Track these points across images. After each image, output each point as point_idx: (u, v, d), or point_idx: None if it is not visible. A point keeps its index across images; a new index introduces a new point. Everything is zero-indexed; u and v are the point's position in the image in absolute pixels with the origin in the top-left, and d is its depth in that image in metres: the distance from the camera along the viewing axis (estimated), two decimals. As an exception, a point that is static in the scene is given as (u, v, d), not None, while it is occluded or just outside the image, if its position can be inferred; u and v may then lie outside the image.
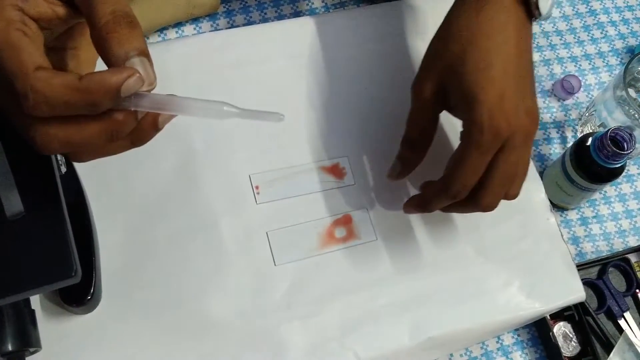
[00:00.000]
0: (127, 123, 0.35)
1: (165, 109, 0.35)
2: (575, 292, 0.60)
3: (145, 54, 0.34)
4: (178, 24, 0.72)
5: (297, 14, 0.75)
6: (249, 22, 0.74)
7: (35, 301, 0.52)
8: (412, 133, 0.55)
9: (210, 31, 0.73)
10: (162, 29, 0.72)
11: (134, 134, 0.36)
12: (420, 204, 0.55)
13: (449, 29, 0.52)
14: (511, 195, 0.52)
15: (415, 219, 0.60)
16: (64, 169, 0.53)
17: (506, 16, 0.50)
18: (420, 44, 0.67)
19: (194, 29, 0.73)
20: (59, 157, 0.52)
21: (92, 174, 0.56)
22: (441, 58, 0.52)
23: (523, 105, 0.50)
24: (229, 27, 0.73)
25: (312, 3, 0.76)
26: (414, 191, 0.61)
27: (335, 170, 0.61)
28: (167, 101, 0.35)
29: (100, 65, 0.37)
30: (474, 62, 0.49)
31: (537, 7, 0.51)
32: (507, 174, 0.50)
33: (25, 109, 0.33)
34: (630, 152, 0.60)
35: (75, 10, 0.36)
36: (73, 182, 0.55)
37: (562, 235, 0.62)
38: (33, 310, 0.49)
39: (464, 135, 0.50)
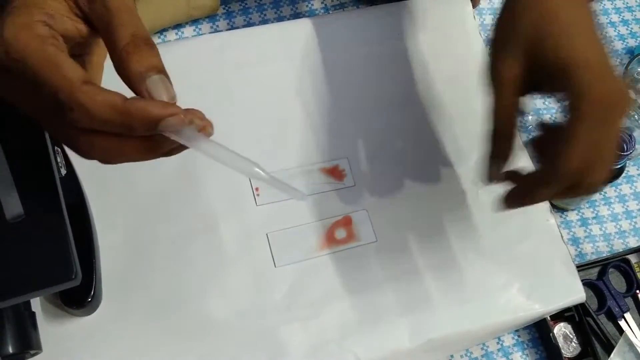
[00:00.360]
0: (165, 144, 0.36)
1: (197, 148, 0.36)
2: (575, 293, 0.60)
3: (163, 72, 0.36)
4: (178, 26, 0.72)
5: (296, 15, 0.75)
6: (249, 24, 0.74)
7: (36, 303, 0.52)
8: (502, 124, 0.49)
9: (210, 32, 0.73)
10: (161, 31, 0.72)
11: (169, 150, 0.38)
12: (522, 195, 0.48)
13: (519, 3, 0.47)
14: (609, 175, 0.47)
15: (414, 220, 0.60)
16: (63, 171, 0.53)
17: None
18: (419, 45, 0.67)
19: (194, 30, 0.73)
20: (58, 158, 0.52)
21: (92, 175, 0.56)
22: (521, 30, 0.46)
23: (616, 75, 0.45)
24: (229, 29, 0.73)
25: (312, 4, 0.76)
26: (414, 192, 0.61)
27: (335, 172, 0.61)
28: (202, 142, 0.36)
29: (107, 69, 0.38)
30: (564, 28, 0.44)
31: None
32: (611, 151, 0.45)
33: (69, 120, 0.34)
34: (630, 153, 0.61)
35: (94, 28, 0.37)
36: (73, 184, 0.55)
37: (562, 237, 0.62)
38: (33, 313, 0.49)
39: (569, 108, 0.44)
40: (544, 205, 0.63)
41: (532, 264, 0.60)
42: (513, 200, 0.49)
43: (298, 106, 0.63)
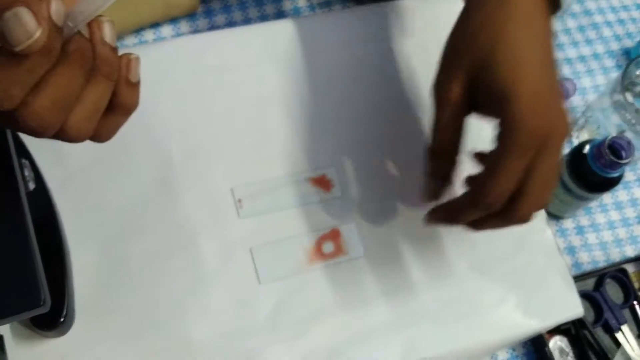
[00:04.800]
0: (83, 45, 0.32)
1: (97, 5, 0.31)
2: (573, 308, 0.57)
3: (19, 2, 0.28)
4: (155, 25, 0.69)
5: (280, 13, 0.72)
6: (230, 23, 0.71)
7: (4, 325, 0.49)
8: (442, 142, 0.50)
9: (189, 32, 0.70)
10: (138, 30, 0.68)
11: (102, 65, 0.33)
12: (447, 216, 0.50)
13: (471, 24, 0.47)
14: (544, 205, 0.48)
15: (405, 232, 0.57)
16: (32, 186, 0.50)
17: (533, 9, 0.46)
18: (408, 47, 0.64)
19: (172, 29, 0.70)
20: (26, 172, 0.49)
21: (64, 189, 0.53)
22: (467, 54, 0.47)
23: (557, 103, 0.46)
24: (210, 28, 0.70)
25: (297, 2, 0.73)
26: (404, 203, 0.58)
27: (322, 182, 0.58)
28: None
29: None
30: (506, 56, 0.45)
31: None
32: (544, 180, 0.45)
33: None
34: (629, 161, 0.58)
35: None
36: (43, 198, 0.51)
37: (558, 248, 0.60)
38: (1, 336, 0.46)
39: (499, 137, 0.45)
40: (541, 216, 0.60)
41: (528, 278, 0.57)
42: (437, 218, 0.50)
43: (282, 112, 0.60)
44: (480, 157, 0.50)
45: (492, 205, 0.45)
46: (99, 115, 0.34)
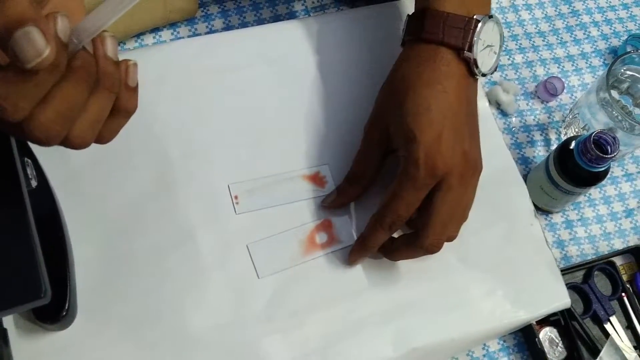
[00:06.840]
0: (88, 60, 0.33)
1: (101, 23, 0.33)
2: (560, 298, 0.59)
3: (29, 21, 0.29)
4: (155, 29, 0.71)
5: (276, 17, 0.74)
6: (228, 27, 0.73)
7: (8, 318, 0.51)
8: (355, 170, 0.58)
9: (188, 36, 0.71)
10: (139, 35, 0.70)
11: (105, 79, 0.34)
12: (359, 241, 0.56)
13: (393, 78, 0.55)
14: (451, 237, 0.54)
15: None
16: (34, 183, 0.52)
17: (447, 69, 0.53)
18: (400, 49, 0.65)
19: (172, 34, 0.71)
20: (28, 170, 0.51)
21: (66, 186, 0.54)
22: (386, 105, 0.55)
23: (460, 147, 0.52)
24: (208, 32, 0.72)
25: (292, 6, 0.74)
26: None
27: (316, 179, 0.60)
28: (97, 15, 0.33)
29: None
30: (414, 105, 0.52)
31: (477, 66, 0.54)
32: (447, 214, 0.52)
33: (8, 118, 0.32)
34: (614, 155, 0.60)
35: None
36: (46, 196, 0.53)
37: (546, 241, 0.61)
38: (5, 329, 0.48)
39: (400, 171, 0.52)
40: (529, 209, 0.62)
41: (516, 269, 0.59)
42: (353, 250, 0.57)
43: (278, 112, 0.62)
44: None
45: (391, 227, 0.53)
46: (101, 124, 0.36)
